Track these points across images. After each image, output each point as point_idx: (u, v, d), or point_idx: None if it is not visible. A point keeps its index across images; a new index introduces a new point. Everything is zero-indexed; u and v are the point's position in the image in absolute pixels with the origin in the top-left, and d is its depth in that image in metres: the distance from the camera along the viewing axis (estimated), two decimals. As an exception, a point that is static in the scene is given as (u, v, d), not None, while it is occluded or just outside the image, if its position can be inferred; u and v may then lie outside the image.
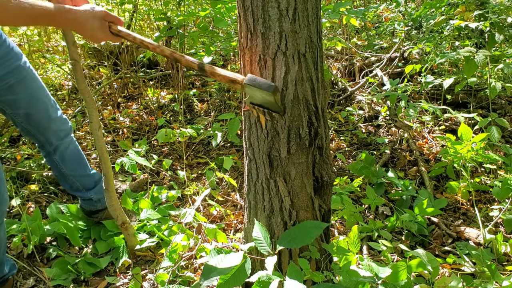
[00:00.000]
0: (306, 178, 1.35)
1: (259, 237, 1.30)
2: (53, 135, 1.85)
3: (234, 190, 2.50)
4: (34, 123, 1.77)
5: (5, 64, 1.58)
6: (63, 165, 1.91)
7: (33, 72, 1.72)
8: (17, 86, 1.64)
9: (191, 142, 3.09)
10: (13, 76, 1.61)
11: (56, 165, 1.92)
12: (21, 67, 1.64)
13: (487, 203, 2.33)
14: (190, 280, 1.69)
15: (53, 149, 1.88)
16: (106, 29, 1.26)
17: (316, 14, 1.23)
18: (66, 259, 1.85)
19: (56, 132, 1.85)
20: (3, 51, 1.57)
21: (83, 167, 1.98)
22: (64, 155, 1.91)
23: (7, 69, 1.59)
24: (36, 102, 1.73)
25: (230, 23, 3.05)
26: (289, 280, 1.10)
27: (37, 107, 1.74)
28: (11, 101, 1.67)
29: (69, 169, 1.93)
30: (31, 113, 1.74)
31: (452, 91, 3.31)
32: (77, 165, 1.95)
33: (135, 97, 3.89)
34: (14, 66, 1.61)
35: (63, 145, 1.89)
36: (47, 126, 1.81)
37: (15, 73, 1.61)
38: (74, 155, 1.94)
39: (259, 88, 1.15)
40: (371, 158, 2.52)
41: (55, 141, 1.86)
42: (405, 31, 4.18)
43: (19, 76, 1.63)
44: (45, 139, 1.84)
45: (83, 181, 1.96)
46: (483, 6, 3.28)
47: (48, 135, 1.83)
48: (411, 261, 1.36)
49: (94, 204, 1.99)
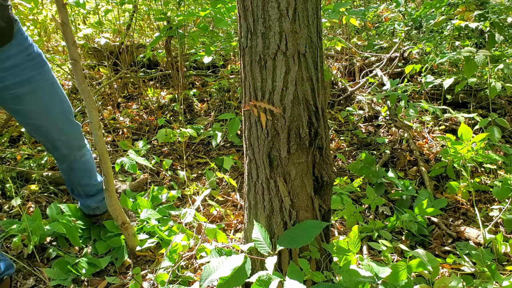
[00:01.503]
0: (306, 178, 1.35)
1: (258, 237, 1.30)
2: (64, 147, 1.76)
3: (234, 190, 2.50)
4: (42, 134, 1.70)
5: (17, 73, 1.51)
6: (70, 173, 1.86)
7: (51, 83, 1.62)
8: (25, 97, 1.55)
9: (191, 142, 3.09)
10: (22, 87, 1.53)
11: (64, 171, 1.87)
12: (35, 78, 1.55)
13: (487, 203, 2.33)
14: (190, 280, 1.69)
15: (62, 158, 1.81)
16: None
17: (316, 14, 1.23)
18: (66, 259, 1.85)
19: (67, 146, 1.77)
20: (20, 59, 1.50)
21: (91, 177, 1.92)
22: (73, 166, 1.83)
23: (17, 79, 1.51)
24: (46, 114, 1.64)
25: (230, 23, 3.05)
26: (289, 280, 1.10)
27: (47, 119, 1.66)
28: (18, 111, 1.60)
29: (76, 177, 1.87)
30: (41, 125, 1.66)
31: (452, 91, 3.31)
32: (85, 175, 1.89)
33: (135, 97, 3.89)
34: (27, 76, 1.53)
35: (73, 156, 1.81)
36: (57, 138, 1.73)
37: (25, 84, 1.53)
38: (85, 166, 1.87)
39: None
40: (371, 158, 2.52)
41: (65, 151, 1.78)
42: (405, 31, 4.18)
43: (30, 88, 1.55)
44: (53, 148, 1.77)
45: (86, 189, 1.93)
46: (483, 6, 3.28)
47: (58, 146, 1.75)
48: (411, 261, 1.36)
49: (92, 210, 1.98)
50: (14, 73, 1.50)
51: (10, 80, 1.50)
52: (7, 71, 1.49)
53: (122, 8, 4.13)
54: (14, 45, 1.48)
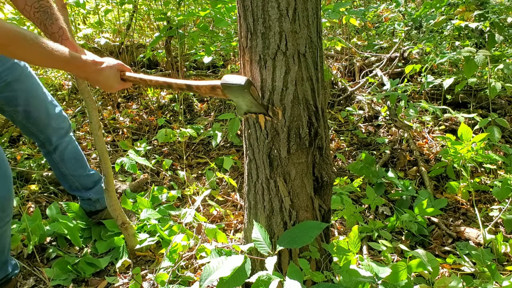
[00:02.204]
0: (306, 178, 1.35)
1: (258, 237, 1.30)
2: (53, 133, 1.86)
3: (234, 190, 2.50)
4: (33, 120, 1.79)
5: (3, 61, 1.61)
6: (62, 164, 1.93)
7: (28, 69, 1.74)
8: (14, 83, 1.66)
9: (191, 142, 3.09)
10: (11, 73, 1.64)
11: (56, 164, 1.93)
12: (17, 65, 1.66)
13: (487, 203, 2.33)
14: (190, 280, 1.69)
15: (53, 148, 1.89)
16: (119, 79, 1.35)
17: (316, 14, 1.23)
18: (66, 259, 1.85)
19: (56, 130, 1.86)
20: None
21: (83, 167, 1.99)
22: (64, 154, 1.92)
23: (4, 66, 1.61)
24: (34, 99, 1.76)
25: (230, 23, 3.05)
26: (289, 280, 1.10)
27: (35, 104, 1.76)
28: (9, 98, 1.69)
29: (69, 168, 1.94)
30: (30, 110, 1.76)
31: (452, 91, 3.31)
32: (76, 165, 1.96)
33: (135, 97, 3.89)
34: (11, 63, 1.63)
35: (62, 144, 1.90)
36: (47, 123, 1.83)
37: (12, 70, 1.64)
38: (74, 155, 1.96)
39: (232, 86, 1.14)
40: (371, 158, 2.52)
41: (55, 139, 1.87)
42: (405, 31, 4.18)
43: (16, 73, 1.66)
44: (45, 137, 1.85)
45: (82, 181, 1.97)
46: (483, 6, 3.28)
47: (48, 133, 1.85)
48: (411, 261, 1.36)
49: (93, 204, 2.00)
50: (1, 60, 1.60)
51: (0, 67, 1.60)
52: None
53: (122, 8, 4.13)
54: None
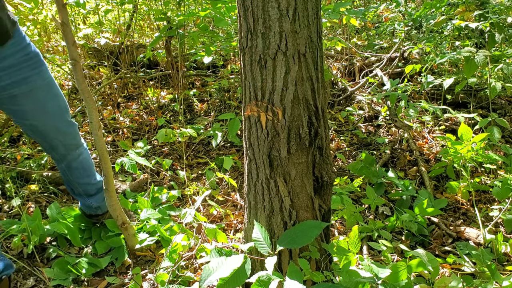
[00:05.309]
0: (306, 178, 1.35)
1: (258, 237, 1.30)
2: (61, 146, 1.76)
3: (234, 190, 2.50)
4: (39, 134, 1.69)
5: (13, 74, 1.49)
6: (68, 172, 1.85)
7: (47, 83, 1.61)
8: (21, 98, 1.54)
9: (191, 142, 3.09)
10: (19, 87, 1.52)
11: (62, 171, 1.87)
12: (31, 78, 1.54)
13: (487, 203, 2.33)
14: (190, 280, 1.69)
15: (60, 158, 1.81)
16: None
17: (316, 14, 1.23)
18: (66, 259, 1.85)
19: (64, 145, 1.77)
20: (18, 59, 1.49)
21: (89, 176, 1.92)
22: (71, 165, 1.83)
23: (13, 79, 1.49)
24: (43, 115, 1.63)
25: (230, 23, 3.05)
26: (289, 280, 1.10)
27: (44, 119, 1.65)
28: (15, 111, 1.59)
29: (74, 176, 1.87)
30: (37, 125, 1.65)
31: (452, 91, 3.31)
32: (83, 174, 1.89)
33: (135, 97, 3.89)
34: (23, 76, 1.52)
35: (71, 155, 1.81)
36: (54, 137, 1.72)
37: (21, 84, 1.52)
38: (82, 165, 1.87)
39: None
40: (371, 158, 2.52)
41: (63, 151, 1.78)
42: (405, 31, 4.18)
43: (26, 88, 1.53)
44: (50, 147, 1.76)
45: (85, 188, 1.92)
46: (483, 6, 3.28)
47: (55, 145, 1.75)
48: (411, 261, 1.36)
49: (94, 210, 1.98)
50: (11, 73, 1.49)
51: (6, 80, 1.49)
52: (4, 70, 1.47)
53: (122, 8, 4.13)
54: (12, 45, 1.47)
